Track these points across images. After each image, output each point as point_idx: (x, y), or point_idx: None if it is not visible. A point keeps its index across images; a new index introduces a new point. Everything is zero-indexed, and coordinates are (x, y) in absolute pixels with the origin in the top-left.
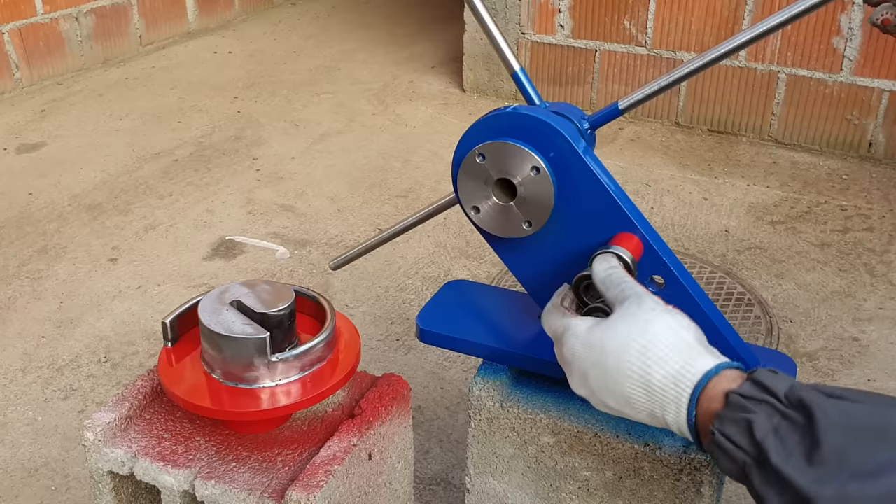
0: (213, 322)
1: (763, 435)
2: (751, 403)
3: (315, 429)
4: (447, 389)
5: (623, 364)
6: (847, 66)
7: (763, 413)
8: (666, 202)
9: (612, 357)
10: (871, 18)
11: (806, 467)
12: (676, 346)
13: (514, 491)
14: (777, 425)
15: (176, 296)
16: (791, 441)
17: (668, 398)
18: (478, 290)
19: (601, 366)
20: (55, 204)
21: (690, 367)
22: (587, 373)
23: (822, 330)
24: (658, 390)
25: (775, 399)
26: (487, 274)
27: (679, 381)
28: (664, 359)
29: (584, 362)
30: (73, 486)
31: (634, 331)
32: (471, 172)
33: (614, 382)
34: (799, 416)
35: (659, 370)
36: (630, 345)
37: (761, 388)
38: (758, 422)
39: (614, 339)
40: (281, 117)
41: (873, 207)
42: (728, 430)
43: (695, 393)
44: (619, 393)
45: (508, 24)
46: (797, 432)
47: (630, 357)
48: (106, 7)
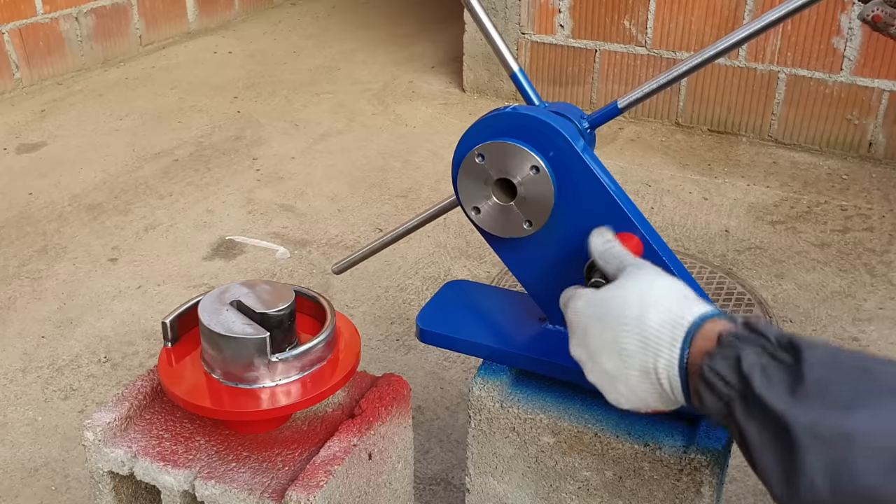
0: (213, 322)
1: (750, 368)
2: (741, 342)
3: (315, 429)
4: (447, 389)
5: (622, 312)
6: (847, 66)
7: (752, 350)
8: (666, 202)
9: (612, 310)
10: (861, 14)
11: (788, 397)
12: (674, 296)
13: (514, 491)
14: (765, 363)
15: (176, 296)
16: (776, 376)
17: (663, 341)
18: (478, 290)
19: (601, 319)
20: (55, 204)
21: (687, 311)
22: (587, 328)
23: (822, 330)
24: (654, 334)
25: (766, 340)
26: (487, 274)
27: (675, 323)
28: (662, 304)
29: (585, 318)
30: (73, 486)
31: (636, 284)
32: (471, 172)
33: (612, 334)
34: (787, 355)
35: (655, 314)
36: (630, 295)
37: (753, 330)
38: (746, 357)
39: (616, 294)
40: (281, 117)
41: (873, 207)
42: (717, 364)
43: (689, 332)
44: (615, 344)
45: (508, 24)
46: (783, 370)
47: (629, 305)
48: (106, 7)
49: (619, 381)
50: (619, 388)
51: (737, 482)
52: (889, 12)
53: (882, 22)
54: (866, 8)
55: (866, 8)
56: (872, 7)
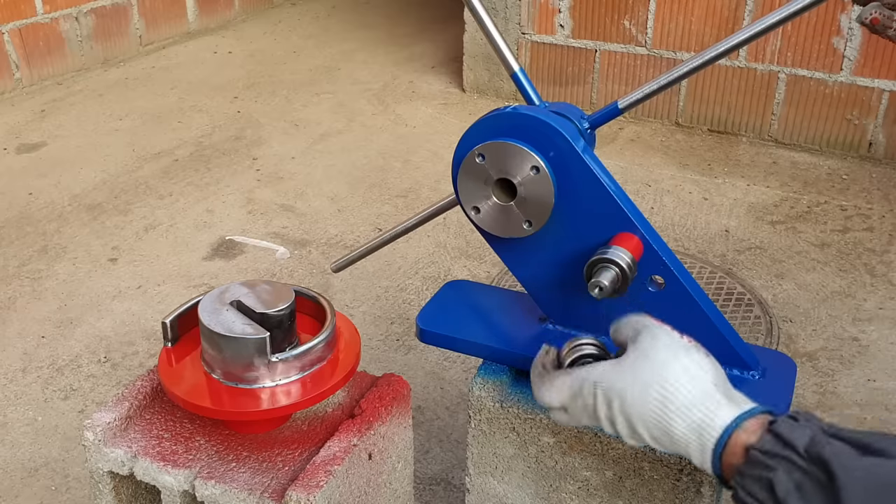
0: (213, 322)
1: (784, 494)
2: (770, 459)
3: (315, 429)
4: (447, 389)
5: (645, 413)
6: (847, 66)
7: (783, 470)
8: (666, 202)
9: (635, 405)
10: (859, 17)
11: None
12: (695, 395)
13: (514, 491)
14: (799, 482)
15: (176, 296)
16: (813, 501)
17: (691, 447)
18: (478, 290)
19: (625, 412)
20: (55, 204)
21: (711, 419)
22: (615, 419)
23: (822, 330)
24: (681, 439)
25: (795, 454)
26: (487, 274)
27: (701, 433)
28: (683, 410)
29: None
30: (73, 486)
31: (652, 376)
32: (471, 172)
33: (642, 426)
34: (820, 473)
35: (680, 422)
36: (649, 393)
37: (781, 442)
38: (778, 480)
39: (634, 385)
40: (281, 117)
41: (873, 207)
42: (749, 486)
43: (717, 449)
44: (646, 435)
45: (508, 24)
46: (819, 492)
47: (651, 407)
48: (106, 7)
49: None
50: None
51: None
52: (887, 15)
53: (880, 24)
54: (864, 11)
55: (864, 11)
56: (870, 10)
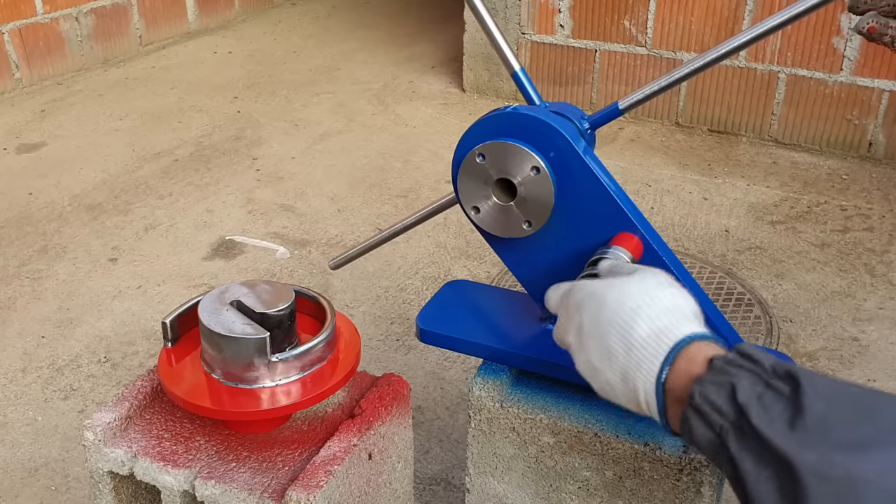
0: (213, 322)
1: (746, 398)
2: (735, 369)
3: (315, 429)
4: (447, 389)
5: (614, 313)
6: (847, 66)
7: (747, 379)
8: (666, 202)
9: (607, 308)
10: (857, 26)
11: (787, 431)
12: (669, 309)
13: (514, 491)
14: (761, 393)
15: (176, 296)
16: (775, 408)
17: (646, 353)
18: (478, 290)
19: (595, 315)
20: (55, 204)
21: (676, 326)
22: (581, 321)
23: (822, 330)
24: (637, 344)
25: (761, 368)
26: (487, 274)
27: (661, 337)
28: (653, 316)
29: (581, 310)
30: (73, 486)
31: (636, 288)
32: (471, 172)
33: (601, 332)
34: (785, 385)
35: (644, 325)
36: (627, 298)
37: (748, 357)
38: (741, 385)
39: (616, 293)
40: (281, 117)
41: (873, 207)
42: (709, 391)
43: (673, 350)
44: (602, 345)
45: (508, 24)
46: (781, 401)
47: (623, 307)
48: (106, 7)
49: (602, 376)
50: (602, 383)
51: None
52: (883, 23)
53: (877, 33)
54: (861, 20)
55: (861, 20)
56: (867, 20)
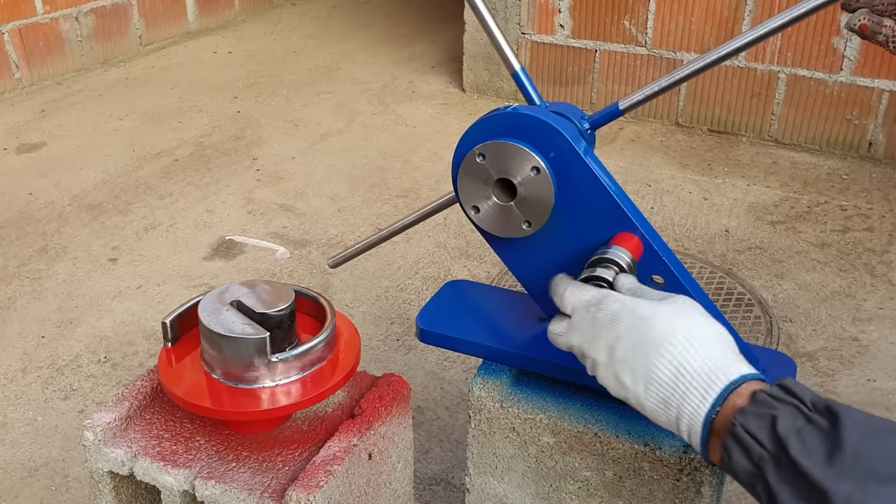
0: (213, 322)
1: (785, 431)
2: (777, 402)
3: (315, 429)
4: (447, 389)
5: (665, 340)
6: (847, 66)
7: (788, 412)
8: (666, 202)
9: (656, 330)
10: (848, 23)
11: (825, 464)
12: (721, 345)
13: (514, 491)
14: (801, 427)
15: (176, 296)
16: (813, 442)
17: (695, 386)
18: (478, 290)
19: (641, 335)
20: (55, 204)
21: (730, 366)
22: (619, 339)
23: (822, 330)
24: (689, 375)
25: (802, 403)
26: (487, 274)
27: (715, 372)
28: (707, 350)
29: (623, 328)
30: (73, 486)
31: (685, 316)
32: (471, 172)
33: (645, 355)
34: (824, 420)
35: (699, 357)
36: (678, 325)
37: (789, 392)
38: (781, 418)
39: (665, 316)
40: (281, 117)
41: (873, 207)
42: (750, 423)
43: (726, 389)
44: (643, 368)
45: (508, 24)
46: (820, 435)
47: (676, 336)
48: (106, 7)
49: (631, 395)
50: (627, 396)
51: (744, 484)
52: (876, 21)
53: (869, 30)
54: (852, 18)
55: (852, 18)
56: (859, 17)
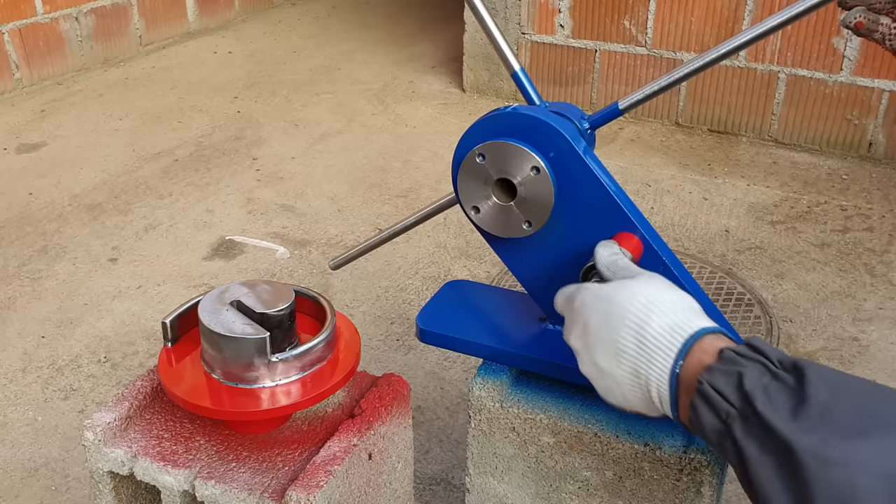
0: (213, 322)
1: (752, 387)
2: (744, 360)
3: (315, 429)
4: (447, 389)
5: (625, 311)
6: (847, 66)
7: (755, 369)
8: (666, 202)
9: (617, 305)
10: (844, 20)
11: (791, 419)
12: (681, 306)
13: (514, 491)
14: (767, 382)
15: (176, 296)
16: (779, 397)
17: (659, 347)
18: (478, 290)
19: (604, 313)
20: (55, 204)
21: (690, 321)
22: (588, 320)
23: (822, 330)
24: (651, 338)
25: (768, 359)
26: (487, 274)
27: (675, 330)
28: (666, 311)
29: (588, 310)
30: (73, 486)
31: (646, 288)
32: (471, 172)
33: (610, 330)
34: (790, 376)
35: (658, 319)
36: (637, 296)
37: (756, 349)
38: (748, 374)
39: (624, 291)
40: (281, 117)
41: (873, 207)
42: (717, 380)
43: (687, 343)
44: (611, 343)
45: (508, 24)
46: (786, 391)
47: (635, 305)
48: (106, 7)
49: (609, 377)
50: (608, 384)
51: (737, 482)
52: (872, 18)
53: (865, 28)
54: (848, 15)
55: (848, 15)
56: (854, 14)
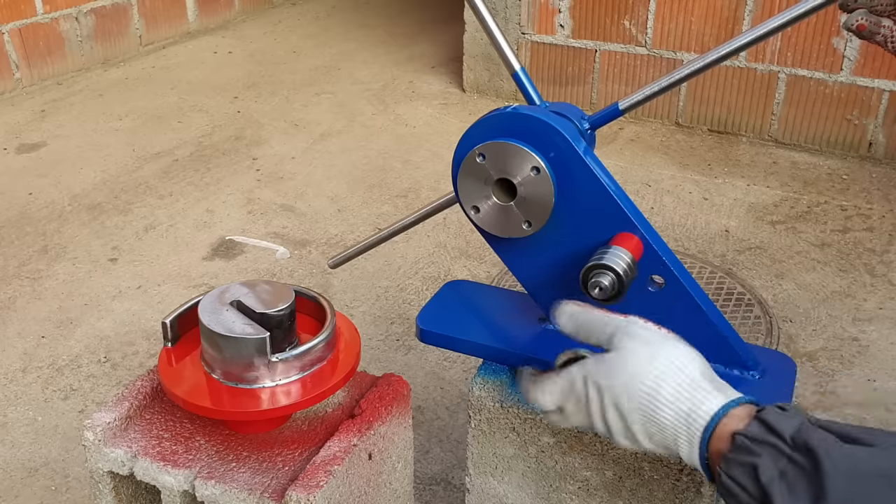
0: (213, 322)
1: (768, 479)
2: (756, 446)
3: (315, 429)
4: (447, 389)
5: (634, 405)
6: (847, 66)
7: (768, 456)
8: (666, 202)
9: (622, 398)
10: (846, 23)
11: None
12: (683, 386)
13: (514, 491)
14: (783, 469)
15: (176, 296)
16: (797, 487)
17: (680, 437)
18: (478, 290)
19: (615, 402)
20: (55, 204)
21: (699, 408)
22: (606, 412)
23: (822, 330)
24: (670, 429)
25: (781, 441)
26: (487, 274)
27: (689, 422)
28: (672, 401)
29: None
30: (73, 486)
31: (638, 368)
32: (471, 172)
33: (629, 420)
34: (805, 460)
35: (668, 411)
36: (636, 385)
37: (768, 429)
38: (763, 465)
39: (621, 377)
40: (281, 117)
41: (873, 207)
42: (734, 472)
43: (705, 436)
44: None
45: (508, 24)
46: (803, 478)
47: (639, 398)
48: (106, 7)
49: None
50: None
51: None
52: (874, 21)
53: (867, 31)
54: (850, 18)
55: (850, 18)
56: (856, 17)
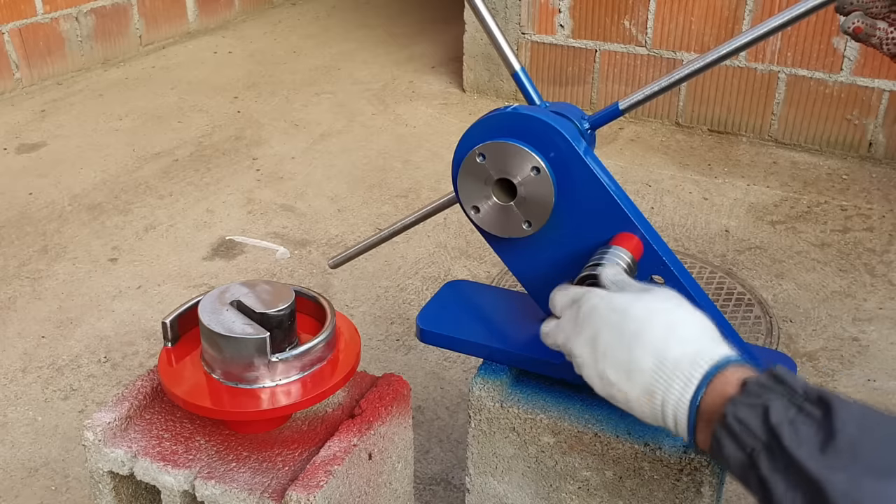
0: (213, 322)
1: (778, 420)
2: (768, 392)
3: (315, 429)
4: (447, 389)
5: (644, 330)
6: (847, 66)
7: (780, 401)
8: (666, 202)
9: (634, 321)
10: (843, 26)
11: (818, 454)
12: (703, 331)
13: (514, 491)
14: (793, 416)
15: (176, 296)
16: (806, 431)
17: (678, 373)
18: (478, 290)
19: (619, 327)
20: (55, 204)
21: (712, 349)
22: (599, 333)
23: (822, 330)
24: (671, 363)
25: (793, 391)
26: (487, 274)
27: (697, 358)
28: (688, 337)
29: (601, 321)
30: (73, 486)
31: (664, 306)
32: (471, 172)
33: (625, 347)
34: (816, 409)
35: (679, 345)
36: (657, 315)
37: (781, 381)
38: (774, 407)
39: (642, 306)
40: (281, 117)
41: (873, 207)
42: (742, 412)
43: (710, 372)
44: (624, 360)
45: (508, 24)
46: (813, 425)
47: (654, 326)
48: (106, 7)
49: (615, 389)
50: (612, 393)
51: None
52: (869, 23)
53: (863, 33)
54: (846, 21)
55: (846, 21)
56: (852, 20)
